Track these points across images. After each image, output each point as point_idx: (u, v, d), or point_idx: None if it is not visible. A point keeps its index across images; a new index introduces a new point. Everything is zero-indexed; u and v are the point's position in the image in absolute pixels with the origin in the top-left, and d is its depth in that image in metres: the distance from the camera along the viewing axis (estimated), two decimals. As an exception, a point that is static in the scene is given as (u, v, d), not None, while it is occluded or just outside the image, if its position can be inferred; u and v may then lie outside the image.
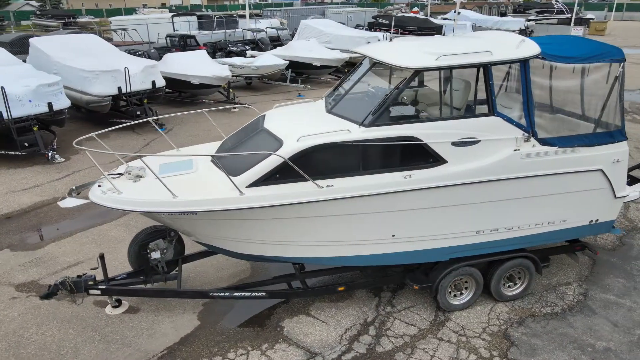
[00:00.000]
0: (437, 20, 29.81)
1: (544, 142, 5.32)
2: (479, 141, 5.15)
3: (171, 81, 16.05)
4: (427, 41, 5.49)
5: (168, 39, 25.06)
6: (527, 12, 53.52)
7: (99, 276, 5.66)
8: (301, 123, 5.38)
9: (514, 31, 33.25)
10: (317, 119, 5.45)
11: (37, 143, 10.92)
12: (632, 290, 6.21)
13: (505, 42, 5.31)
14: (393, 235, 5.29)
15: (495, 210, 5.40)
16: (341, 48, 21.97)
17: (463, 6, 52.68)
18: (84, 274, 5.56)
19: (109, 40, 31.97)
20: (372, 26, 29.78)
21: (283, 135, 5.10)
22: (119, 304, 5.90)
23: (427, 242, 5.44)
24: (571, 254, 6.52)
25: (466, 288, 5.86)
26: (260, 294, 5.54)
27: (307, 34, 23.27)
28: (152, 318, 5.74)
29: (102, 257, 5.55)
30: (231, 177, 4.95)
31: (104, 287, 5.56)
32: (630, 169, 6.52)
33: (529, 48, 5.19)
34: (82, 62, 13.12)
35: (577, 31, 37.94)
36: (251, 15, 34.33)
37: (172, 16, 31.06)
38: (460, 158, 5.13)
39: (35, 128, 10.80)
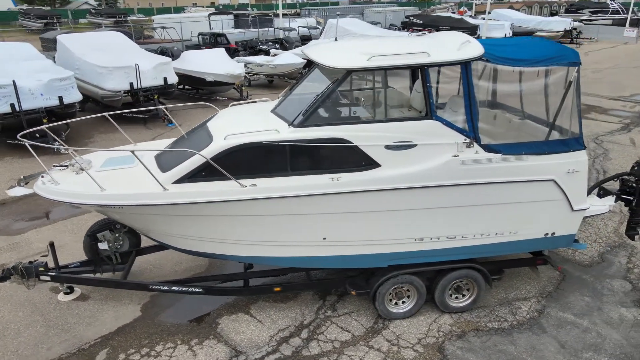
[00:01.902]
0: (474, 20, 28.89)
1: (488, 148, 5.07)
2: (415, 145, 4.97)
3: (188, 78, 16.51)
4: (368, 41, 5.35)
5: (200, 37, 25.74)
6: (580, 11, 50.96)
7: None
8: (239, 122, 5.39)
9: (557, 32, 31.89)
10: (258, 118, 5.44)
11: (46, 134, 11.51)
12: (595, 311, 5.80)
13: (448, 43, 5.10)
14: (324, 239, 5.20)
15: (434, 218, 5.20)
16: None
17: (510, 5, 50.88)
18: (35, 260, 5.83)
19: (150, 37, 33.27)
20: (405, 26, 29.27)
21: (215, 133, 5.13)
22: (70, 291, 6.14)
23: (363, 248, 5.32)
24: (533, 268, 6.18)
25: (408, 297, 5.68)
26: (196, 290, 5.60)
27: (333, 33, 23.21)
28: (97, 307, 5.94)
29: (52, 245, 5.79)
30: (162, 173, 5.04)
31: (54, 274, 5.80)
32: (602, 181, 6.07)
33: (471, 50, 4.95)
34: (99, 58, 13.72)
35: (630, 32, 35.77)
36: (286, 15, 34.64)
37: (209, 15, 31.87)
38: (394, 162, 4.97)
39: (44, 120, 11.40)
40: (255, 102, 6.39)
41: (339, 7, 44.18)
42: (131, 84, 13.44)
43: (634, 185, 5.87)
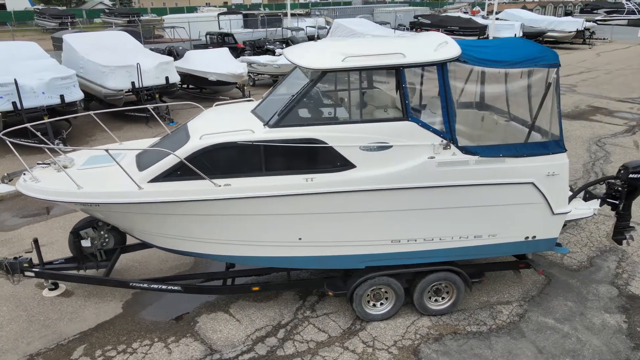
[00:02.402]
0: (484, 20, 28.62)
1: (465, 150, 5.02)
2: (390, 146, 4.94)
3: (192, 77, 16.63)
4: (347, 42, 5.33)
5: (208, 36, 25.92)
6: (595, 11, 50.22)
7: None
8: (217, 122, 5.42)
9: (569, 33, 31.41)
10: (237, 118, 5.46)
11: (47, 132, 11.70)
12: (577, 316, 5.71)
13: (425, 44, 5.06)
14: (300, 239, 5.20)
15: (411, 220, 5.17)
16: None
17: (524, 5, 50.30)
18: (20, 256, 5.92)
19: (160, 37, 33.58)
20: (414, 26, 29.11)
21: (193, 133, 5.16)
22: (55, 287, 6.24)
23: (339, 248, 5.30)
24: (516, 272, 6.11)
25: (386, 298, 5.65)
26: (175, 288, 5.64)
27: (339, 33, 23.20)
28: (80, 303, 6.02)
29: (35, 241, 5.89)
30: (139, 172, 5.09)
31: (38, 270, 5.89)
32: (588, 185, 5.96)
33: (448, 51, 4.90)
34: (102, 58, 13.89)
35: (645, 33, 35.07)
36: (294, 14, 34.69)
37: (218, 15, 32.07)
38: (370, 163, 4.95)
39: (45, 118, 11.57)
40: (239, 101, 6.41)
41: (349, 7, 44.11)
42: (133, 83, 13.58)
43: (619, 189, 5.77)
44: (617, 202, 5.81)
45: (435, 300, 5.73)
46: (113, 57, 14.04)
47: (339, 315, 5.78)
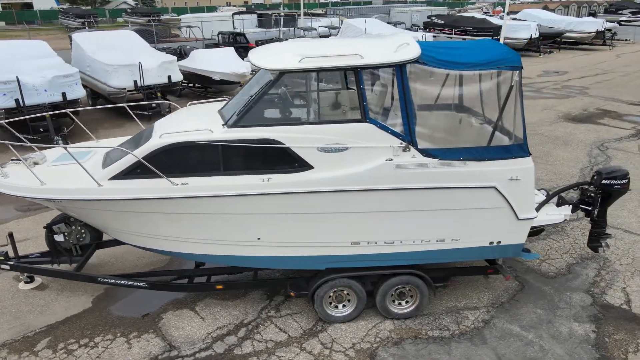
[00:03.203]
0: (498, 21, 28.16)
1: (425, 153, 4.96)
2: (347, 148, 4.92)
3: (196, 76, 16.83)
4: (309, 43, 5.32)
5: (220, 35, 26.18)
6: (620, 12, 48.93)
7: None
8: (182, 120, 5.48)
9: (589, 33, 30.65)
10: (203, 117, 5.50)
11: (49, 129, 12.02)
12: (545, 324, 5.58)
13: (385, 45, 5.02)
14: (258, 239, 5.22)
15: (369, 222, 5.13)
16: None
17: (545, 5, 49.31)
18: (-4, 250, 6.11)
19: (176, 36, 34.05)
20: (427, 26, 28.83)
21: (156, 132, 5.24)
22: (31, 280, 6.40)
23: (299, 249, 5.31)
24: (486, 277, 6.01)
25: (348, 300, 5.63)
26: (141, 284, 5.73)
27: (349, 33, 23.15)
28: (52, 296, 6.17)
29: (10, 235, 6.06)
30: (102, 169, 5.19)
31: (12, 263, 6.06)
32: (561, 190, 5.81)
33: (407, 52, 4.85)
34: (106, 57, 14.18)
35: (669, 34, 33.97)
36: (307, 14, 34.74)
37: (233, 14, 32.34)
38: (327, 164, 4.94)
39: (47, 115, 11.87)
40: (213, 101, 6.47)
41: (365, 7, 43.94)
42: (135, 82, 13.82)
43: (592, 195, 5.62)
44: (590, 208, 5.67)
45: (399, 304, 5.68)
46: (117, 56, 14.31)
47: (303, 316, 5.78)
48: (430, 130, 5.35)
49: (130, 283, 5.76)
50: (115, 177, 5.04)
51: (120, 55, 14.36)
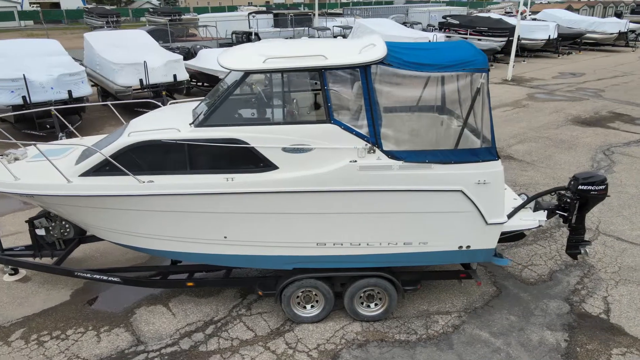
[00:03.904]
0: (515, 21, 27.62)
1: (391, 155, 4.93)
2: (312, 149, 4.92)
3: (203, 75, 17.01)
4: (277, 43, 5.33)
5: (233, 35, 26.41)
6: (648, 12, 47.39)
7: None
8: (155, 119, 5.56)
9: (611, 34, 29.82)
10: (176, 116, 5.58)
11: (55, 125, 12.34)
12: (516, 331, 5.47)
13: (351, 46, 5.00)
14: (225, 237, 5.27)
15: (334, 223, 5.12)
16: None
17: (569, 5, 48.21)
18: (-19, 242, 6.31)
19: (194, 35, 34.47)
20: (442, 26, 28.50)
21: (127, 130, 5.33)
22: (15, 272, 6.59)
23: (266, 249, 5.33)
24: (460, 281, 5.93)
25: (316, 301, 5.63)
26: (115, 279, 5.84)
27: (360, 33, 23.06)
28: (33, 289, 6.34)
29: (-6, 228, 6.25)
30: (74, 165, 5.31)
31: (-4, 255, 6.26)
32: (538, 195, 5.68)
33: (371, 54, 4.82)
34: (114, 55, 14.47)
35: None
36: (323, 14, 34.75)
37: (249, 14, 32.58)
38: (292, 165, 4.95)
39: (53, 112, 12.16)
40: (194, 100, 6.54)
41: (382, 6, 43.66)
42: (141, 80, 14.07)
43: (568, 200, 5.49)
44: (565, 214, 5.54)
45: (368, 306, 5.65)
46: (124, 54, 14.59)
47: (272, 315, 5.80)
48: (400, 132, 5.31)
49: (105, 278, 5.88)
50: (85, 174, 5.15)
51: (127, 54, 14.64)
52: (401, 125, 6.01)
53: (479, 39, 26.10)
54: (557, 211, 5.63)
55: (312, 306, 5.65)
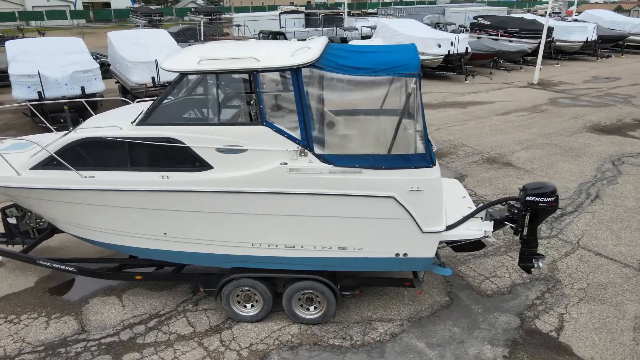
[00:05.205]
0: (553, 22, 26.54)
1: (322, 158, 4.90)
2: (245, 150, 4.97)
3: (219, 74, 17.34)
4: (217, 46, 5.40)
5: (260, 34, 26.80)
6: None
7: None
8: (109, 117, 5.77)
9: (656, 36, 28.08)
10: (129, 114, 5.77)
11: (67, 120, 12.96)
12: (455, 344, 5.31)
13: (283, 49, 4.99)
14: (165, 233, 5.40)
15: (267, 225, 5.15)
16: (412, 49, 21.15)
17: (618, 6, 45.88)
18: (-41, 228, 6.74)
19: (227, 35, 35.19)
20: (473, 27, 27.76)
21: (81, 126, 5.57)
22: (-9, 257, 7.01)
23: (205, 247, 5.42)
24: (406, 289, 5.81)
25: (256, 301, 5.67)
26: (71, 269, 6.10)
27: (383, 33, 22.83)
28: (4, 274, 6.72)
29: (-27, 215, 6.67)
30: (29, 159, 5.59)
31: (-31, 240, 6.68)
32: (488, 205, 5.47)
33: (303, 56, 4.81)
34: (130, 54, 15.02)
35: None
36: (351, 14, 34.61)
37: (280, 14, 32.94)
38: (226, 165, 5.02)
39: (65, 107, 12.81)
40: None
41: (416, 6, 42.93)
42: (153, 78, 14.54)
43: (515, 212, 5.28)
44: (514, 225, 5.32)
45: (307, 309, 5.64)
46: (139, 53, 15.12)
47: (216, 312, 5.89)
48: (334, 136, 5.26)
49: (62, 267, 6.15)
50: (35, 167, 5.42)
51: (143, 53, 15.15)
52: (344, 128, 5.95)
53: (510, 41, 25.27)
54: (505, 222, 5.42)
55: (252, 305, 5.70)
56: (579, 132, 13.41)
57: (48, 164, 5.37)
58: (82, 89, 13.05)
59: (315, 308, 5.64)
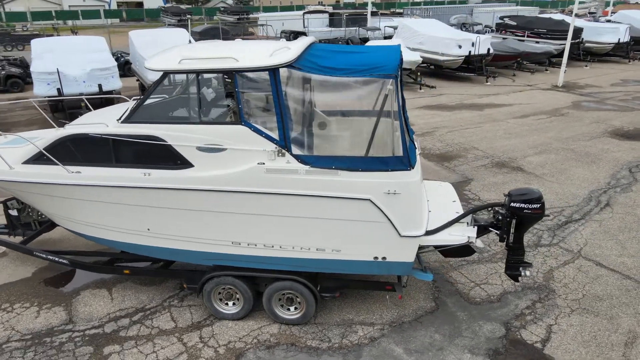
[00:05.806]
0: (581, 22, 25.72)
1: (300, 159, 4.89)
2: (225, 149, 5.01)
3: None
4: (201, 46, 5.44)
5: (282, 34, 26.93)
6: None
7: None
8: (100, 115, 5.91)
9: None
10: (118, 112, 5.89)
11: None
12: (434, 351, 5.21)
13: (262, 49, 4.99)
14: (148, 229, 5.49)
15: (246, 224, 5.17)
16: (432, 50, 20.89)
17: (657, 6, 44.01)
18: (-35, 218, 7.03)
19: (252, 34, 35.51)
20: (499, 27, 27.15)
21: (73, 122, 5.72)
22: (-5, 247, 7.28)
23: (187, 244, 5.49)
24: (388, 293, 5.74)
25: (238, 299, 5.70)
26: (64, 261, 6.27)
27: (403, 34, 22.60)
28: (5, 264, 6.97)
29: (-23, 207, 6.95)
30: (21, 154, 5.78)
31: (-28, 230, 6.95)
32: (473, 210, 5.33)
33: (280, 57, 4.80)
34: (147, 52, 15.33)
35: None
36: (378, 14, 34.39)
37: (303, 14, 33.00)
38: (206, 164, 5.07)
39: (82, 104, 13.19)
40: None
41: (446, 6, 42.30)
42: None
43: (500, 218, 5.14)
44: (498, 231, 5.18)
45: (288, 309, 5.64)
46: (154, 51, 15.41)
47: (200, 309, 5.96)
48: (312, 137, 5.23)
49: (56, 259, 6.33)
50: (27, 162, 5.59)
51: (157, 51, 15.43)
52: (323, 129, 5.91)
53: (537, 42, 24.62)
54: (490, 228, 5.28)
55: (233, 303, 5.74)
56: (598, 137, 12.94)
57: (39, 158, 5.53)
58: (100, 86, 13.41)
59: (295, 308, 5.63)
